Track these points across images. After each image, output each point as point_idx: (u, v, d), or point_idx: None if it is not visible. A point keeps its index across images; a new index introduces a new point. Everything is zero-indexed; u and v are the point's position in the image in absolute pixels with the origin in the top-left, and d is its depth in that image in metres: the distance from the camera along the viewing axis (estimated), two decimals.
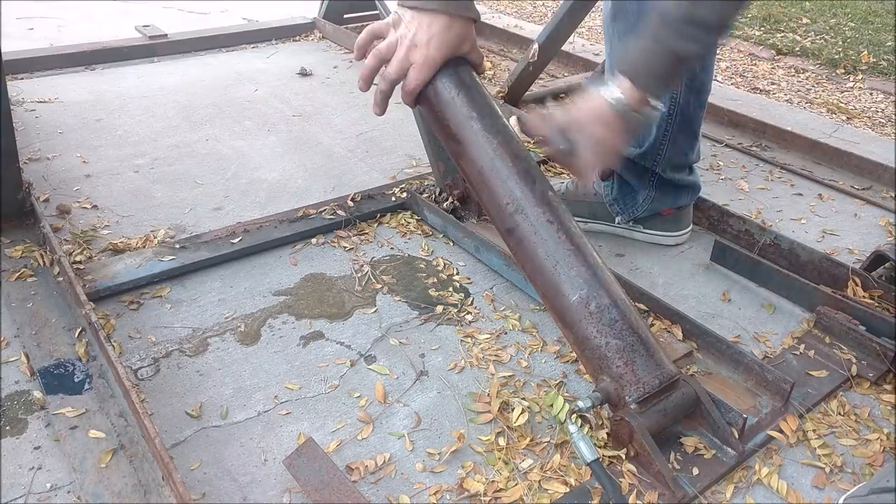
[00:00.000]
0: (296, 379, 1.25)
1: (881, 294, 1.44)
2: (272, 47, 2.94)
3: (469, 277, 1.54)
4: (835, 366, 1.30)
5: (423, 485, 1.06)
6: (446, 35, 1.14)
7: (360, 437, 1.13)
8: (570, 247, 1.13)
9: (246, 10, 3.42)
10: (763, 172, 2.06)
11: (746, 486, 1.09)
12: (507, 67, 2.82)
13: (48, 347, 1.26)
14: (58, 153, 1.97)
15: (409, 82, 1.17)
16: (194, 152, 2.02)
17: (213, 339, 1.33)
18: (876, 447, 1.15)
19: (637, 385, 1.07)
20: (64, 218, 1.67)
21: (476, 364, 1.30)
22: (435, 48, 1.14)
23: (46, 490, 1.02)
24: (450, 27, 1.14)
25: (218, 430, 1.14)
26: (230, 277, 1.50)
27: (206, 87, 2.49)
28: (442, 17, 1.13)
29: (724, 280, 1.57)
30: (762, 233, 1.63)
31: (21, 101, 2.26)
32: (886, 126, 2.52)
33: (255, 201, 1.79)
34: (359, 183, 1.90)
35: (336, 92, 2.50)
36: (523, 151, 1.20)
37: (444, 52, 1.15)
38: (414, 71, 1.16)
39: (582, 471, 1.07)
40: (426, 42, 1.13)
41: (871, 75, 3.03)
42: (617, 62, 1.16)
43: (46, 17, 3.23)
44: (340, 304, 1.44)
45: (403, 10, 1.15)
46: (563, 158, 1.19)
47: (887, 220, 1.84)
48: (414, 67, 1.16)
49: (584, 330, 1.11)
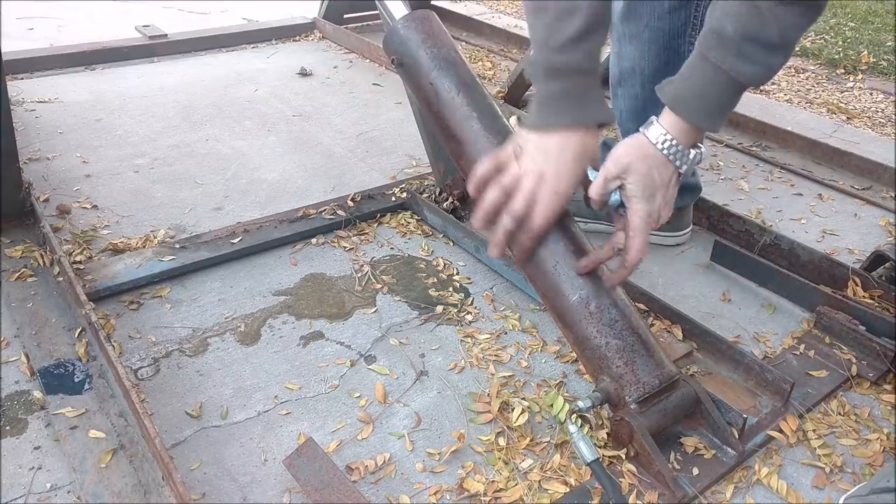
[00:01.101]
0: (296, 379, 1.25)
1: (881, 294, 1.44)
2: (272, 47, 2.94)
3: (469, 277, 1.54)
4: (835, 366, 1.30)
5: (423, 485, 1.06)
6: (577, 163, 1.02)
7: (360, 437, 1.13)
8: (570, 247, 1.13)
9: (246, 10, 3.42)
10: (763, 172, 2.06)
11: (746, 486, 1.09)
12: (507, 67, 2.82)
13: (48, 347, 1.26)
14: (58, 153, 1.97)
15: (535, 221, 1.04)
16: (194, 152, 2.02)
17: (213, 339, 1.33)
18: (876, 447, 1.15)
19: (637, 385, 1.07)
20: (64, 218, 1.67)
21: (476, 364, 1.30)
22: (565, 181, 1.02)
23: (46, 490, 1.02)
24: (582, 146, 1.02)
25: (218, 430, 1.14)
26: (230, 277, 1.50)
27: (206, 87, 2.49)
28: (574, 134, 1.01)
29: (724, 280, 1.57)
30: (762, 233, 1.63)
31: (21, 101, 2.26)
32: (886, 126, 2.52)
33: (255, 201, 1.79)
34: (359, 183, 1.90)
35: (336, 92, 2.50)
36: None
37: (573, 181, 1.04)
38: (540, 207, 1.03)
39: (582, 471, 1.07)
40: (555, 175, 1.01)
41: (871, 75, 3.03)
42: (661, 95, 1.02)
43: (46, 17, 3.22)
44: (340, 304, 1.44)
45: (527, 135, 1.04)
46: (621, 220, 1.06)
47: (887, 220, 1.84)
48: (540, 203, 1.03)
49: (584, 330, 1.11)
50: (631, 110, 1.53)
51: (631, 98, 1.51)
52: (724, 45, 0.94)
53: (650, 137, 1.02)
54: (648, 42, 1.43)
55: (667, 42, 1.42)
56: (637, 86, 1.48)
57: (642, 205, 1.02)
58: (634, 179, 1.02)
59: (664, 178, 1.03)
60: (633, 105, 1.52)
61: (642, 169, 1.01)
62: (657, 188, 1.03)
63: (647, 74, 1.46)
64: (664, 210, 1.05)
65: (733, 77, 0.96)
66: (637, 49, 1.45)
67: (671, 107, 1.00)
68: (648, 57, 1.44)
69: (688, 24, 1.40)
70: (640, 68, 1.46)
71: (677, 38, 1.41)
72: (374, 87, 2.56)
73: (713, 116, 1.00)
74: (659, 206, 1.04)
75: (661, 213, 1.05)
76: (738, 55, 0.94)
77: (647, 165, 1.01)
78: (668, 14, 1.39)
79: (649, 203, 1.03)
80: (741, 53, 0.94)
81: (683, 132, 1.01)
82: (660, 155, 1.02)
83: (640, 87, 1.48)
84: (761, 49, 0.94)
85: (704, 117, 1.00)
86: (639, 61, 1.46)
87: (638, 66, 1.46)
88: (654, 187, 1.02)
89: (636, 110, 1.52)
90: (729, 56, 0.94)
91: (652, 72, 1.45)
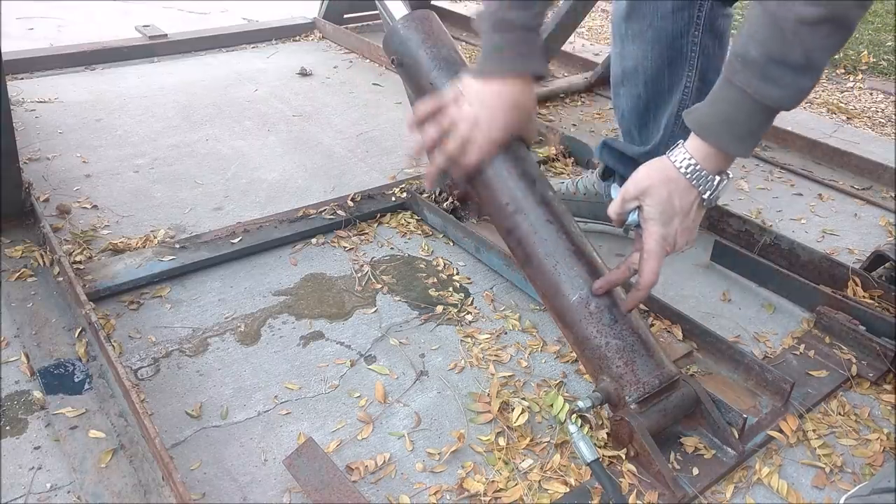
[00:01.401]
0: (296, 379, 1.25)
1: (881, 294, 1.44)
2: (272, 47, 2.94)
3: (469, 277, 1.54)
4: (835, 366, 1.30)
5: (423, 485, 1.06)
6: (510, 112, 1.08)
7: (360, 437, 1.13)
8: (570, 247, 1.13)
9: (246, 10, 3.42)
10: (763, 172, 2.07)
11: (746, 486, 1.09)
12: None
13: (48, 347, 1.26)
14: (58, 153, 1.97)
15: (467, 160, 1.12)
16: (194, 152, 2.02)
17: (213, 339, 1.33)
18: (876, 447, 1.15)
19: (637, 385, 1.07)
20: (64, 218, 1.67)
21: (476, 364, 1.30)
22: (497, 128, 1.09)
23: (46, 490, 1.02)
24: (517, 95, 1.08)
25: (218, 430, 1.14)
26: (230, 277, 1.50)
27: (206, 87, 2.49)
28: (511, 84, 1.07)
29: (724, 280, 1.57)
30: (762, 233, 1.63)
31: (21, 101, 2.26)
32: (886, 126, 2.52)
33: (255, 201, 1.79)
34: (359, 183, 1.90)
35: (336, 92, 2.50)
36: (524, 152, 1.20)
37: (506, 133, 1.11)
38: (473, 149, 1.11)
39: (582, 471, 1.07)
40: (488, 121, 1.08)
41: (871, 75, 3.04)
42: (687, 121, 1.01)
43: (46, 17, 3.23)
44: (340, 304, 1.44)
45: (469, 81, 1.10)
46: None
47: (887, 220, 1.84)
48: (473, 146, 1.10)
49: (584, 330, 1.11)
50: (633, 110, 1.53)
51: (633, 98, 1.51)
52: (749, 69, 0.92)
53: (674, 161, 1.01)
54: (651, 42, 1.42)
55: (670, 42, 1.42)
56: (639, 85, 1.48)
57: (658, 228, 1.02)
58: (652, 202, 1.01)
59: (684, 204, 1.02)
60: (636, 105, 1.52)
61: (662, 193, 1.01)
62: (676, 213, 1.02)
63: (649, 74, 1.46)
64: (682, 235, 1.04)
65: (759, 101, 0.93)
66: (640, 49, 1.45)
67: (697, 132, 0.99)
68: (651, 56, 1.44)
69: (691, 24, 1.40)
70: (643, 68, 1.46)
71: (680, 38, 1.41)
72: (374, 87, 2.56)
73: (742, 141, 0.98)
74: (676, 232, 1.03)
75: (677, 238, 1.04)
76: (763, 78, 0.92)
77: (668, 190, 1.01)
78: (671, 14, 1.39)
79: (665, 227, 1.02)
80: (766, 76, 0.91)
81: (709, 157, 0.99)
82: (682, 179, 1.00)
83: (642, 86, 1.48)
84: (788, 71, 0.91)
85: (731, 142, 0.98)
86: (641, 61, 1.45)
87: (641, 65, 1.46)
88: (672, 212, 1.01)
89: (638, 110, 1.52)
90: (754, 80, 0.92)
91: (654, 71, 1.45)
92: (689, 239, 1.06)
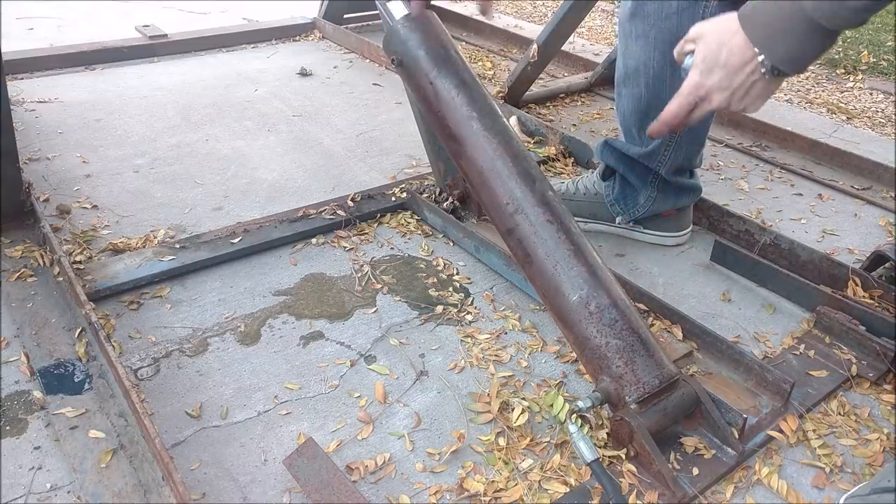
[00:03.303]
0: (296, 379, 1.25)
1: (881, 294, 1.44)
2: (272, 47, 2.94)
3: (469, 277, 1.54)
4: (835, 366, 1.30)
5: (423, 485, 1.06)
6: None
7: (360, 437, 1.13)
8: (570, 247, 1.13)
9: (246, 10, 3.42)
10: (763, 172, 2.07)
11: (746, 486, 1.09)
12: (507, 67, 2.82)
13: (48, 347, 1.26)
14: (58, 153, 1.97)
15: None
16: (194, 152, 2.02)
17: (213, 339, 1.33)
18: (876, 447, 1.15)
19: (637, 385, 1.07)
20: (64, 218, 1.67)
21: (476, 364, 1.30)
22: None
23: (46, 490, 1.02)
24: None
25: (218, 430, 1.14)
26: (230, 277, 1.50)
27: (206, 87, 2.49)
28: None
29: (724, 280, 1.57)
30: (762, 233, 1.63)
31: (21, 101, 2.26)
32: (886, 126, 2.52)
33: (255, 201, 1.79)
34: (359, 183, 1.90)
35: (336, 92, 2.50)
36: (523, 151, 1.20)
37: None
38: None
39: (582, 471, 1.07)
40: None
41: (871, 75, 3.03)
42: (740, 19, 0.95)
43: (46, 17, 3.23)
44: (340, 304, 1.44)
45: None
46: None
47: (887, 220, 1.84)
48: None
49: (584, 330, 1.11)
50: (634, 110, 1.53)
51: (635, 97, 1.51)
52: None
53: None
54: (655, 41, 1.42)
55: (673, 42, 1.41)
56: (641, 85, 1.48)
57: (695, 74, 1.00)
58: (701, 48, 0.99)
59: (732, 62, 0.96)
60: (637, 105, 1.52)
61: (712, 41, 0.97)
62: (719, 66, 0.97)
63: (651, 74, 1.46)
64: (719, 93, 0.99)
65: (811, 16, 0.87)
66: (643, 48, 1.45)
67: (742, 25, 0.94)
68: (655, 56, 1.44)
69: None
70: (646, 68, 1.46)
71: None
72: (374, 87, 2.56)
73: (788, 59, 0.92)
74: (713, 86, 0.98)
75: (713, 94, 0.99)
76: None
77: (720, 41, 0.96)
78: (675, 14, 1.39)
79: (702, 76, 0.99)
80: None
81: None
82: (741, 35, 0.94)
83: (644, 86, 1.48)
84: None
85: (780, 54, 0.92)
86: (644, 61, 1.45)
87: (643, 65, 1.46)
88: (715, 63, 0.97)
89: (639, 110, 1.51)
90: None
91: (657, 72, 1.45)
92: (732, 101, 0.99)
